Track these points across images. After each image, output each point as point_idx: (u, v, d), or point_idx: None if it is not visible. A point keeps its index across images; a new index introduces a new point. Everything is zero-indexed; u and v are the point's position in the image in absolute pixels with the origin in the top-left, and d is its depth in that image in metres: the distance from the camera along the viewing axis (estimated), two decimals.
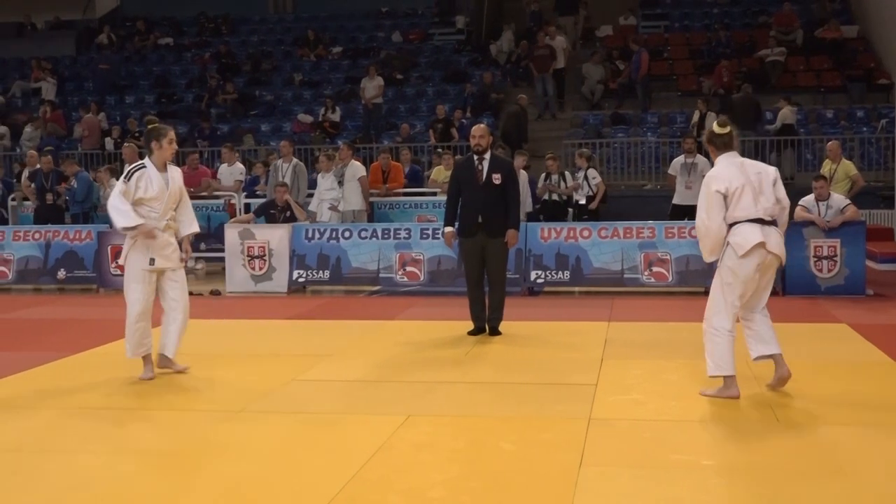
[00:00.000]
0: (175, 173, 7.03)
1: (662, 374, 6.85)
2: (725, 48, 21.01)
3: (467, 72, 21.50)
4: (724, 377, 6.06)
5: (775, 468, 4.73)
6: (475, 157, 8.43)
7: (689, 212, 13.00)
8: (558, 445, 5.11)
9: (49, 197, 14.45)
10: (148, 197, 6.80)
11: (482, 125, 8.76)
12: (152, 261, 6.88)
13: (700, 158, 13.42)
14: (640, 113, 19.32)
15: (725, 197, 5.93)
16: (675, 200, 13.25)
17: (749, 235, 5.89)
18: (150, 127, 6.96)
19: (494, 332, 8.45)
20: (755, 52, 20.24)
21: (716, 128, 6.11)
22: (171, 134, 6.92)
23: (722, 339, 6.00)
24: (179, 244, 7.12)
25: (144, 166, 6.84)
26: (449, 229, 8.59)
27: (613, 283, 11.36)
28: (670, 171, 13.57)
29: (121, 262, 7.05)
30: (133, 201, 6.79)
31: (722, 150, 6.11)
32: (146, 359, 7.00)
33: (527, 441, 5.22)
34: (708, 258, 6.16)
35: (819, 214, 10.94)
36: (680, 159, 13.43)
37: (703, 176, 12.92)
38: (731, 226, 5.96)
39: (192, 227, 7.14)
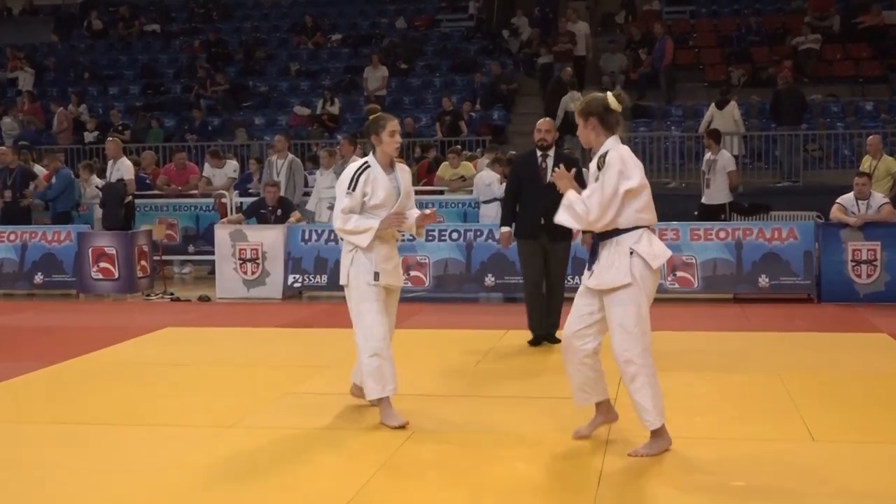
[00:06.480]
0: (404, 173, 6.16)
1: (688, 388, 6.83)
2: (756, 35, 20.97)
3: (477, 61, 21.49)
4: (661, 427, 5.28)
5: (812, 491, 4.70)
6: (538, 154, 8.37)
7: (712, 212, 13.10)
8: (574, 464, 5.10)
9: (7, 195, 14.30)
10: (372, 204, 5.97)
11: (548, 119, 8.69)
12: (376, 275, 5.97)
13: (723, 154, 13.47)
14: (664, 105, 19.27)
15: (628, 192, 5.13)
16: (702, 199, 13.41)
17: (661, 246, 5.29)
18: (371, 117, 6.08)
19: (553, 339, 8.38)
20: (788, 40, 20.19)
21: (612, 101, 5.29)
22: (394, 124, 6.06)
23: (656, 378, 5.25)
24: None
25: (369, 165, 6.02)
26: (506, 230, 8.55)
27: None
28: (703, 167, 13.70)
29: (342, 281, 6.14)
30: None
31: (615, 129, 5.33)
32: (388, 404, 5.98)
33: (540, 459, 5.21)
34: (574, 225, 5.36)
35: (859, 214, 10.92)
36: (707, 155, 13.53)
37: (727, 172, 13.25)
38: (629, 229, 5.17)
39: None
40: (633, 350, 5.15)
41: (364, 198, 5.93)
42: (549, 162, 8.26)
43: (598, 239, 5.27)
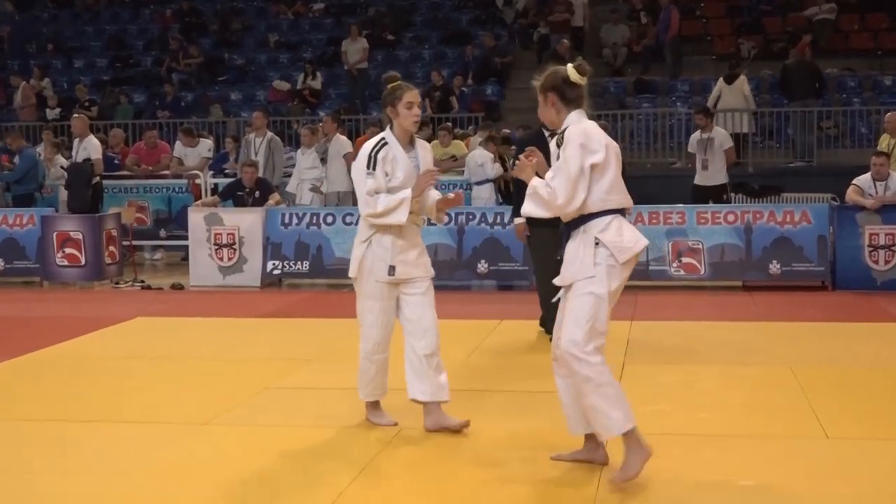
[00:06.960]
0: (424, 151, 6.01)
1: (693, 382, 6.84)
2: (768, 5, 20.95)
3: (469, 32, 21.45)
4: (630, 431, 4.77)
5: (825, 491, 4.71)
6: (546, 134, 8.19)
7: (710, 193, 13.09)
8: (572, 464, 5.09)
9: None
10: (391, 186, 5.69)
11: None
12: (392, 269, 5.76)
13: (718, 131, 13.48)
14: (669, 80, 19.27)
15: (593, 168, 4.83)
16: (696, 181, 13.38)
17: (634, 235, 4.94)
18: (388, 86, 5.81)
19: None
20: (802, 10, 20.17)
21: (572, 74, 4.97)
22: (412, 95, 5.77)
23: (613, 379, 4.82)
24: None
25: (386, 142, 5.77)
26: (521, 220, 8.41)
27: (637, 276, 11.15)
28: (689, 148, 13.71)
29: (351, 273, 5.93)
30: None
31: (578, 104, 5.03)
32: (376, 404, 5.99)
33: (536, 460, 5.20)
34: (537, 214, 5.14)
35: (876, 196, 10.93)
36: (696, 135, 13.52)
37: (725, 150, 13.25)
38: (596, 215, 4.88)
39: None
40: (584, 347, 4.69)
41: (384, 178, 5.69)
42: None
43: (567, 229, 5.00)
